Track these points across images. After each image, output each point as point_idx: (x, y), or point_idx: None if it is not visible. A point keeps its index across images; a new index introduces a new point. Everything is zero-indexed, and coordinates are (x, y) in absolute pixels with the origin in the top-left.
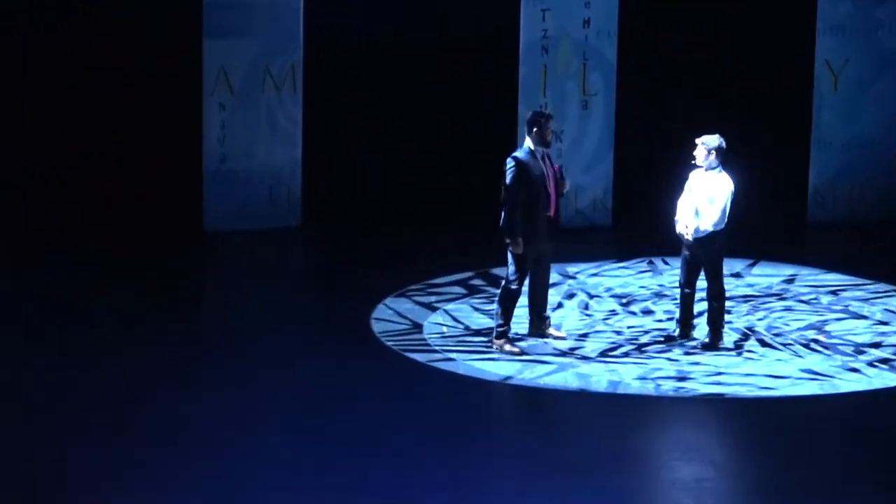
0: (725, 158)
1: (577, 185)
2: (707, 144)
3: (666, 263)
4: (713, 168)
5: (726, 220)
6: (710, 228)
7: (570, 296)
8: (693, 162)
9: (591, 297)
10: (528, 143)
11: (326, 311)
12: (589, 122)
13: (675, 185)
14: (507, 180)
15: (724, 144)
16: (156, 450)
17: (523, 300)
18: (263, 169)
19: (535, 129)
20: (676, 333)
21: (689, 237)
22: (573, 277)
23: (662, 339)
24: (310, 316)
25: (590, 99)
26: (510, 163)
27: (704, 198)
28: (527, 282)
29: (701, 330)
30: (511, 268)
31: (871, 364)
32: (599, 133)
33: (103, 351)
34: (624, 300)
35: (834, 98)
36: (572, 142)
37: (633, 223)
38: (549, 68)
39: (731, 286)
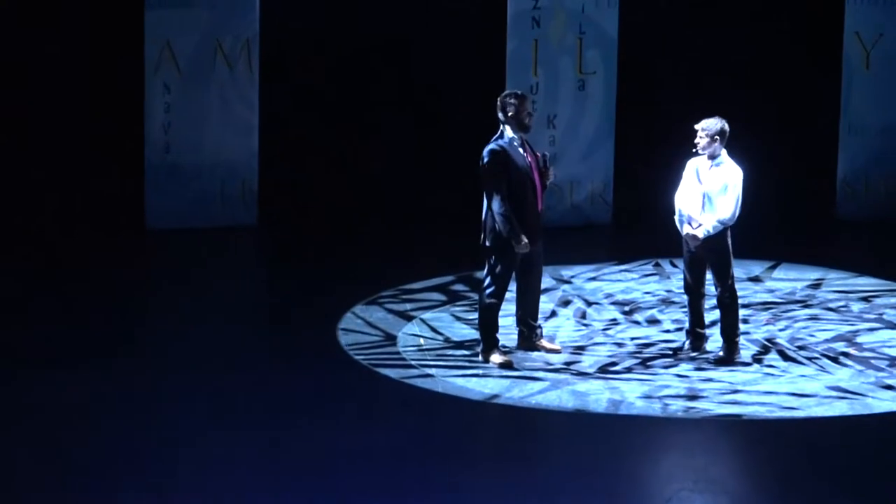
0: (731, 143)
1: (572, 176)
2: (708, 129)
3: (674, 266)
4: (717, 156)
5: (738, 212)
6: (725, 223)
7: (565, 303)
8: (694, 150)
9: (589, 304)
10: (507, 130)
11: (286, 321)
12: (586, 104)
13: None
14: (488, 175)
15: (727, 127)
16: (103, 480)
17: (510, 307)
18: (215, 160)
19: (509, 114)
20: (686, 346)
21: (700, 236)
22: (568, 282)
23: (670, 352)
24: (267, 326)
25: (587, 78)
26: (487, 156)
27: (715, 189)
28: (514, 286)
29: (714, 342)
30: (491, 274)
31: None
32: (598, 117)
33: (33, 365)
34: (626, 308)
35: (865, 76)
36: (567, 127)
37: (637, 220)
38: (541, 43)
39: (748, 292)
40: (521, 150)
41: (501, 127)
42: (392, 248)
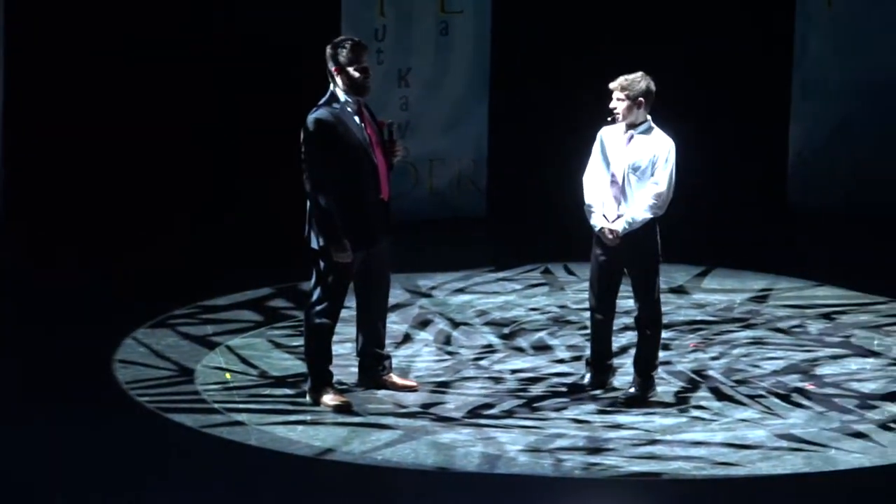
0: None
1: (432, 153)
2: (629, 90)
3: (571, 273)
4: (641, 124)
5: (671, 196)
6: (653, 210)
7: (423, 323)
8: (609, 118)
9: (456, 325)
10: (337, 91)
11: (41, 349)
12: (451, 54)
13: (586, 152)
14: (311, 153)
15: (652, 86)
16: None
17: (348, 330)
18: None
19: (337, 70)
20: (587, 380)
21: (619, 230)
22: (427, 295)
23: (565, 389)
24: (12, 359)
25: (451, 19)
26: (311, 127)
27: (639, 166)
28: (352, 301)
29: (624, 374)
30: (321, 286)
31: (885, 426)
32: (469, 72)
33: None
34: (506, 330)
35: (827, 18)
36: (425, 86)
37: (520, 211)
38: None
39: (671, 307)
40: (356, 118)
41: (331, 87)
42: (187, 248)
